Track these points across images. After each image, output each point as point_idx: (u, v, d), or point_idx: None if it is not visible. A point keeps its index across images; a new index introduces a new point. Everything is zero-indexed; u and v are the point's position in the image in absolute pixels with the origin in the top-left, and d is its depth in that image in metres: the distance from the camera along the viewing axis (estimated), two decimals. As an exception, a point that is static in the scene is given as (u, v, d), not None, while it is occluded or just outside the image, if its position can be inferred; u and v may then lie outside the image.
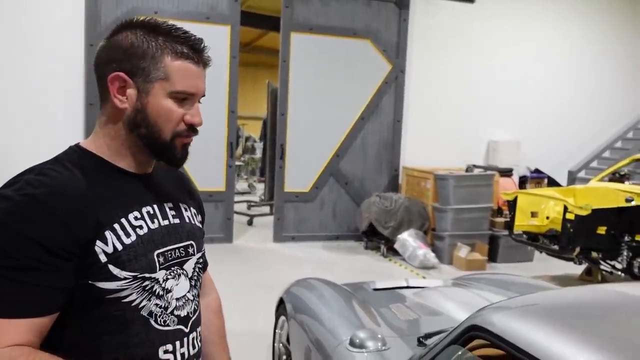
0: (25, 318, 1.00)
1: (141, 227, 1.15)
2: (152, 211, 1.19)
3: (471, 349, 1.66)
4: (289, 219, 7.15)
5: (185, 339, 1.22)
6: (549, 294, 1.96)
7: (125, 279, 1.09)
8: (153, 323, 1.15)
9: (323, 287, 2.98)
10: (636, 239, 5.01)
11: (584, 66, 8.47)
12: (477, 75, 7.82)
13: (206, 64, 1.20)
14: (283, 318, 3.07)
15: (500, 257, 6.56)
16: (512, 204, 5.65)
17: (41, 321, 1.02)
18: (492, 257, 6.54)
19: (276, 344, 3.18)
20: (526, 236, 5.67)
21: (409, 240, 6.35)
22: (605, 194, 5.48)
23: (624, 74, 8.71)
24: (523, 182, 7.92)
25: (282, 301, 3.10)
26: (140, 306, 1.12)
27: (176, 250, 1.22)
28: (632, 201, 4.96)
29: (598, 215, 4.88)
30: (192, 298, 1.25)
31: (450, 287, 3.13)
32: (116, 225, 1.11)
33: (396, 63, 7.39)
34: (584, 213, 4.79)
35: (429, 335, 2.15)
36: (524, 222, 5.64)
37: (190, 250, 1.26)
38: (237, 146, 10.65)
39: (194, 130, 1.20)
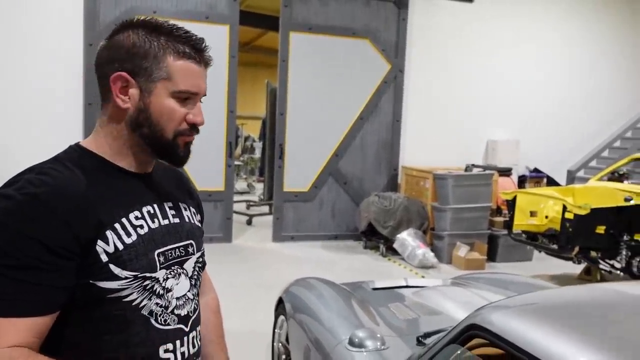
0: (25, 317, 1.00)
1: (142, 227, 1.15)
2: (152, 211, 1.20)
3: (470, 348, 1.66)
4: (288, 219, 7.15)
5: (185, 338, 1.22)
6: (548, 293, 1.97)
7: (126, 278, 1.10)
8: (153, 322, 1.15)
9: (322, 286, 2.98)
10: (635, 238, 5.01)
11: (583, 66, 8.48)
12: (476, 75, 7.82)
13: (207, 63, 1.21)
14: (282, 317, 3.07)
15: (499, 257, 6.57)
16: (511, 203, 5.65)
17: (42, 321, 1.02)
18: (491, 256, 6.54)
19: (275, 344, 3.18)
20: (525, 235, 5.67)
21: (408, 240, 6.35)
22: (604, 193, 5.47)
23: (623, 73, 8.72)
24: (522, 181, 7.93)
25: (281, 301, 3.10)
26: (141, 305, 1.13)
27: (176, 250, 1.22)
28: (631, 200, 4.96)
29: (597, 215, 4.89)
30: (192, 297, 1.25)
31: (450, 286, 3.13)
32: (117, 225, 1.11)
33: (395, 63, 7.39)
34: (583, 212, 4.80)
35: (428, 335, 2.15)
36: (523, 221, 5.64)
37: (190, 250, 1.27)
38: (236, 146, 10.65)
39: (196, 130, 1.21)
